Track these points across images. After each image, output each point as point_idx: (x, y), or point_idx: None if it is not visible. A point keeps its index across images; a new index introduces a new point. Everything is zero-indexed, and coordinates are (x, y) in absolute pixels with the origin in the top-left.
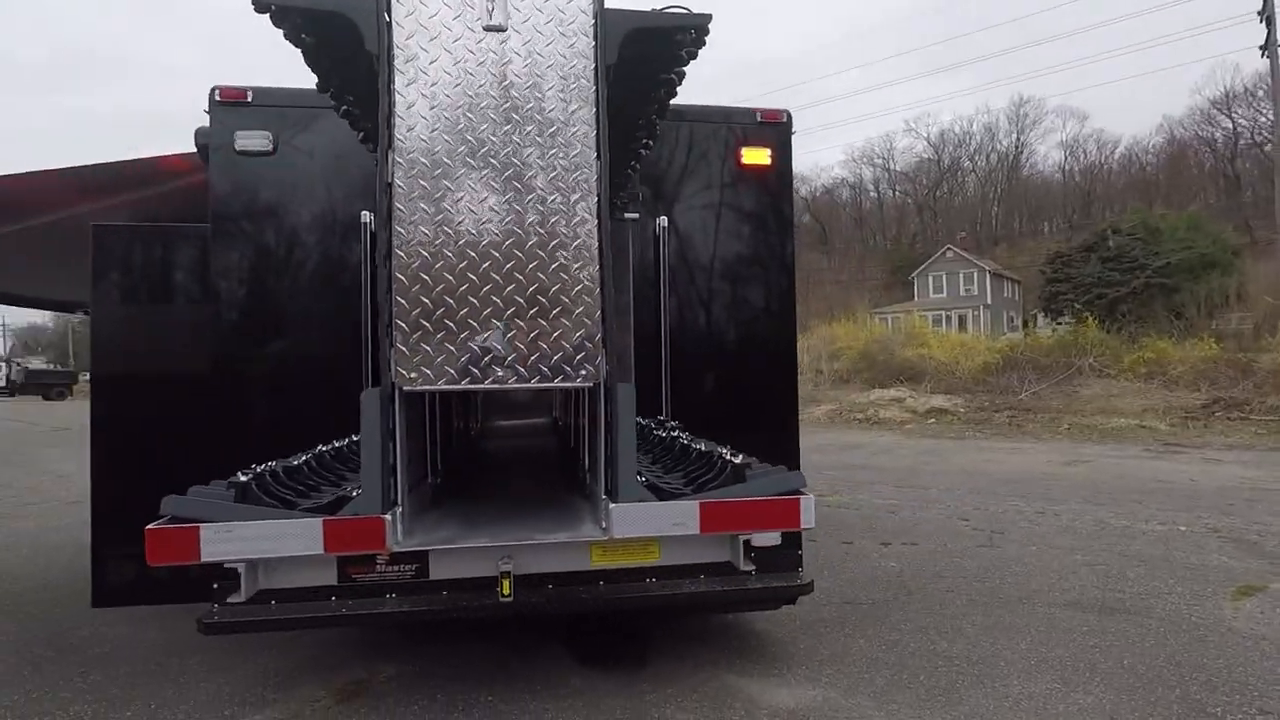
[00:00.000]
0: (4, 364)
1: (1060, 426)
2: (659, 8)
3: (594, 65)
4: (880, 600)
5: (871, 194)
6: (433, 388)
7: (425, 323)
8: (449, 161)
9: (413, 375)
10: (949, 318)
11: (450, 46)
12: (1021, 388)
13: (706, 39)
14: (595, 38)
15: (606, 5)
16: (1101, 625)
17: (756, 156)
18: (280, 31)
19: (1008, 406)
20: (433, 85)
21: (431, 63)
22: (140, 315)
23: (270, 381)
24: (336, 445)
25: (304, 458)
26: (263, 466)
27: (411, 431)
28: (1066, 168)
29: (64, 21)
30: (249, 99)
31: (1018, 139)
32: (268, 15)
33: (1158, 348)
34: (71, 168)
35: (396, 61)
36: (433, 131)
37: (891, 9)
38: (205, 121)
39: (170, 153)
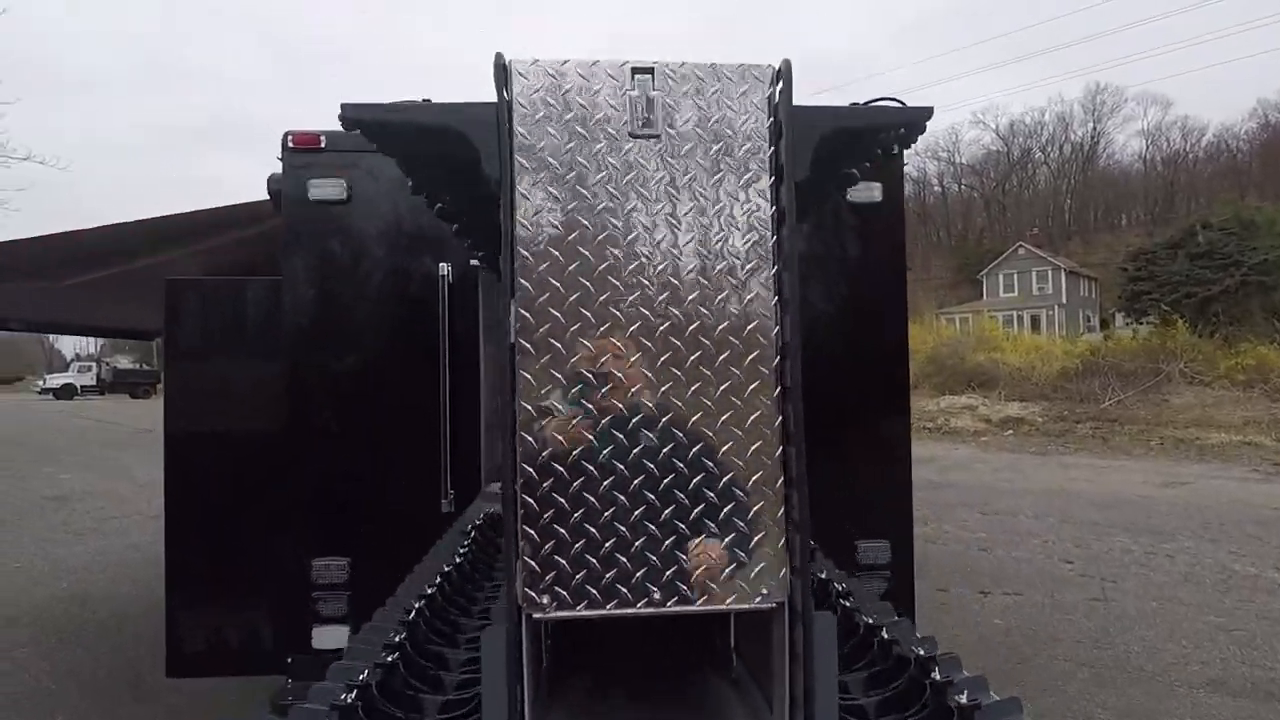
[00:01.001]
0: (95, 364)
1: (1151, 440)
2: (869, 100)
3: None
4: (995, 671)
5: (935, 188)
6: (572, 614)
7: (560, 528)
8: (587, 313)
9: (545, 599)
10: (1021, 318)
11: (589, 159)
12: (1104, 395)
13: (920, 136)
14: (774, 143)
15: (800, 102)
16: (1260, 716)
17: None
18: (374, 144)
19: (1090, 417)
20: (566, 213)
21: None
22: (213, 372)
23: (344, 443)
24: (446, 573)
25: (407, 621)
26: (367, 669)
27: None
28: (1147, 157)
29: (142, 36)
30: (322, 144)
31: (1094, 128)
32: (358, 132)
33: (1258, 353)
34: (150, 219)
35: (521, 186)
36: (566, 273)
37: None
38: (275, 164)
39: (245, 200)
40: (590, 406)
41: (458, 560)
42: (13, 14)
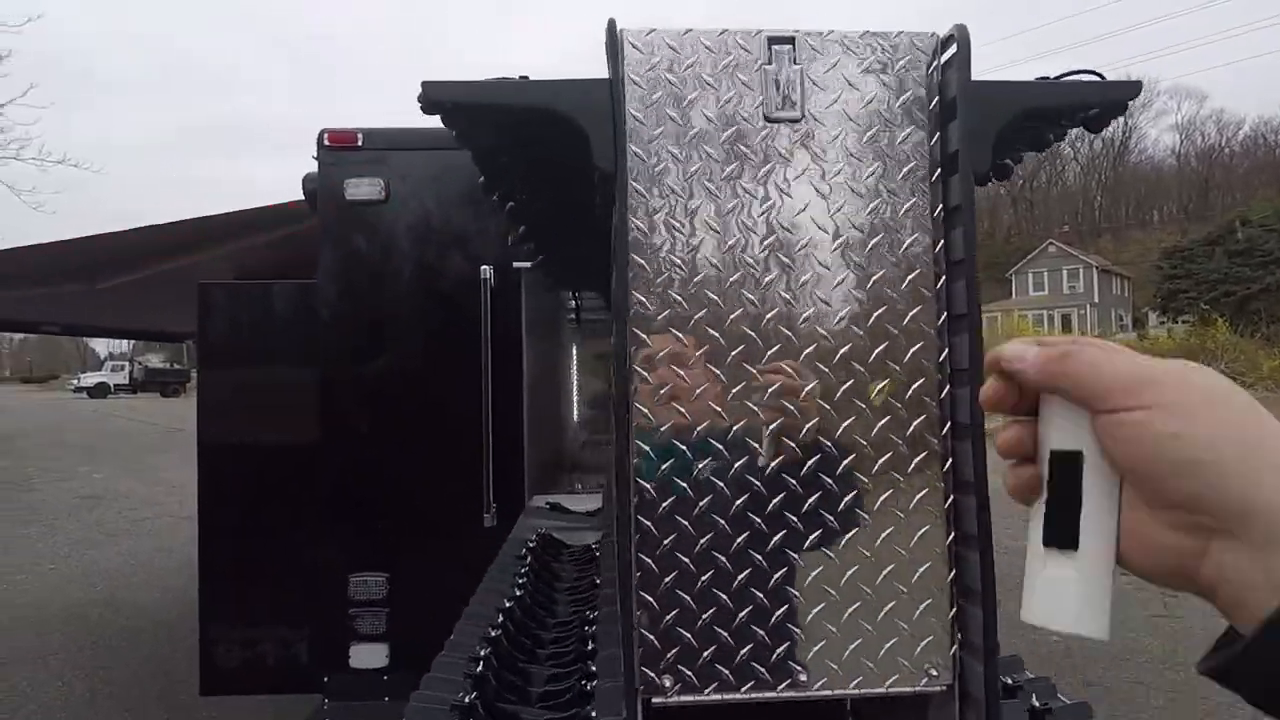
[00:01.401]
0: (127, 363)
1: None
2: (1064, 74)
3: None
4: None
5: None
6: (699, 699)
7: (685, 594)
8: (716, 335)
9: (667, 680)
10: (1051, 318)
11: (718, 148)
12: None
13: (1124, 113)
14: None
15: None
16: None
17: None
18: (453, 131)
19: None
20: (690, 212)
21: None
22: (246, 378)
23: (381, 452)
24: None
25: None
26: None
27: None
28: (1181, 152)
29: (165, 39)
30: (359, 142)
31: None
32: (440, 117)
33: None
34: (183, 221)
35: (636, 181)
36: (691, 287)
37: None
38: (314, 166)
39: (279, 201)
40: (721, 448)
41: (517, 593)
42: (48, 18)
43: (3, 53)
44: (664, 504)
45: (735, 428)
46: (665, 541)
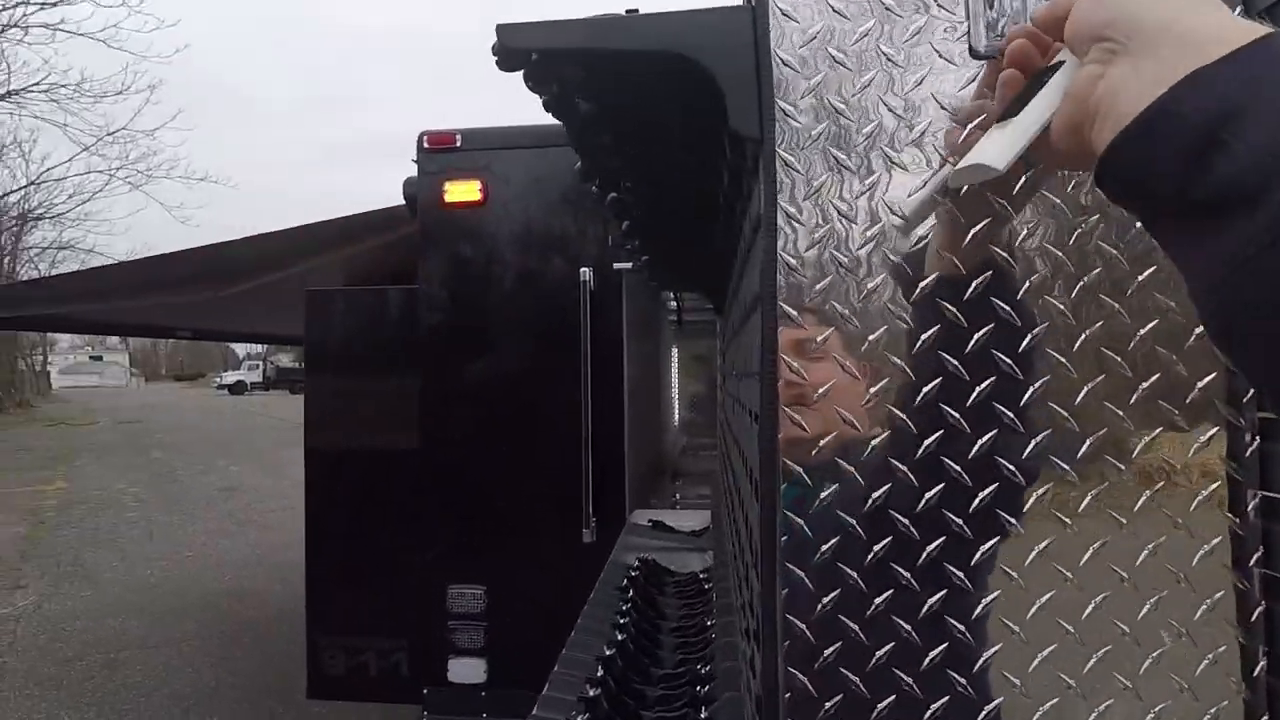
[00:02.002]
0: (261, 362)
1: None
2: None
3: None
4: None
5: None
6: None
7: (852, 674)
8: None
9: None
10: None
11: (902, 97)
12: None
13: None
14: None
15: None
16: None
17: None
18: (540, 97)
19: None
20: (863, 189)
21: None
22: (354, 384)
23: (479, 462)
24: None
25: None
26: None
27: None
28: None
29: (307, 63)
30: (457, 143)
31: None
32: (522, 74)
33: None
34: (291, 229)
35: (785, 150)
36: (865, 287)
37: None
38: (413, 168)
39: (382, 206)
40: (905, 470)
41: (619, 636)
42: (204, 49)
43: (154, 83)
44: (824, 548)
45: (930, 441)
46: (825, 602)
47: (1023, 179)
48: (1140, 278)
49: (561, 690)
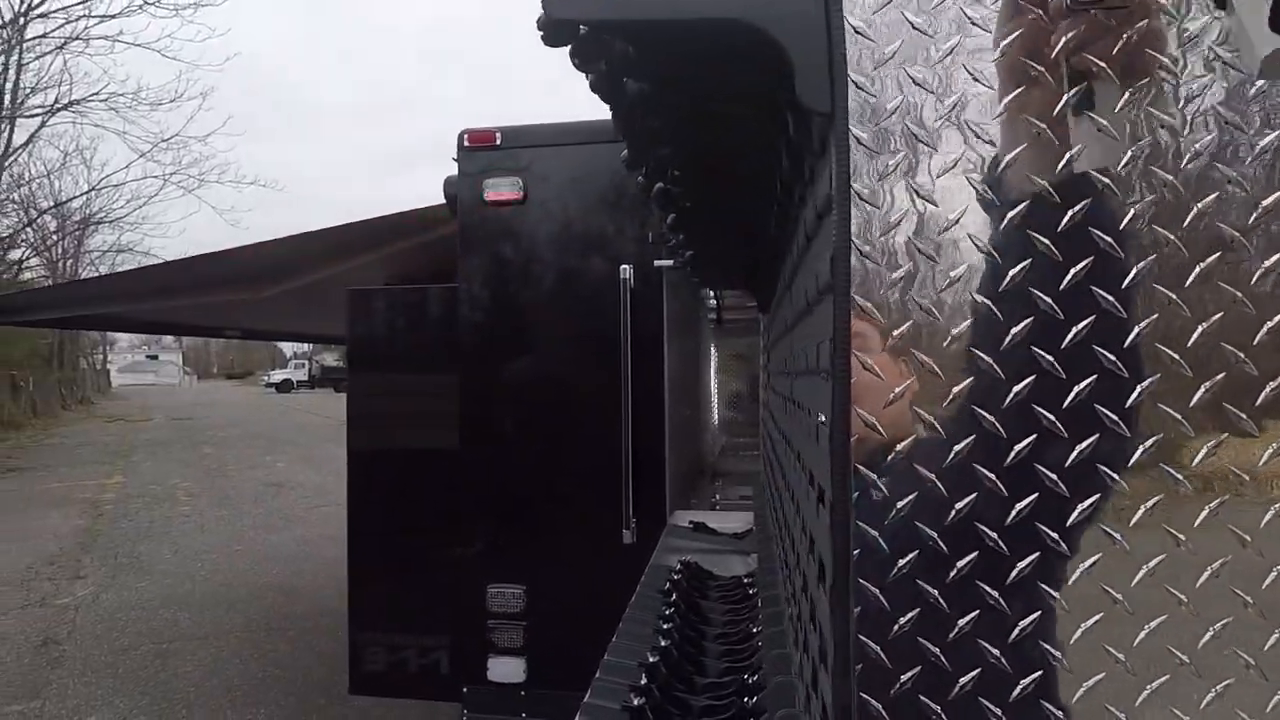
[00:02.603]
0: (307, 361)
1: None
2: None
3: None
4: None
5: None
6: None
7: (933, 703)
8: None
9: None
10: None
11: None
12: None
13: None
14: None
15: None
16: None
17: None
18: (587, 75)
19: None
20: (944, 168)
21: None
22: (395, 383)
23: (518, 461)
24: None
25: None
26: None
27: None
28: None
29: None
30: (497, 142)
31: None
32: (569, 49)
33: None
34: (331, 228)
35: (859, 128)
36: (946, 279)
37: None
38: (454, 168)
39: (421, 206)
40: (994, 479)
41: (663, 643)
42: (259, 55)
43: (206, 90)
44: (901, 563)
45: (1022, 447)
46: (903, 622)
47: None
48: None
49: (604, 698)
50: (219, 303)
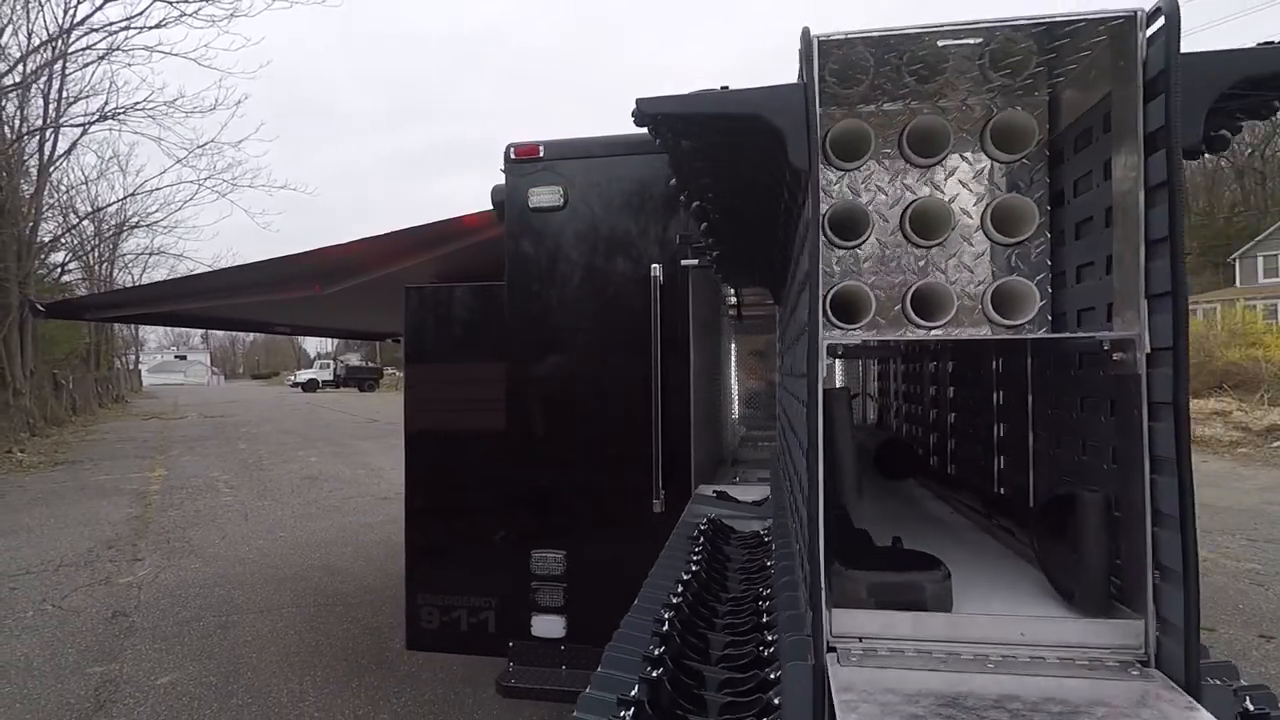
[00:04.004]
0: (332, 362)
1: None
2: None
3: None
4: None
5: None
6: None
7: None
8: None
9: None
10: None
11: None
12: None
13: None
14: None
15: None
16: None
17: None
18: (656, 139)
19: None
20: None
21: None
22: (448, 371)
23: (560, 440)
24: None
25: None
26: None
27: None
28: None
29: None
30: (540, 154)
31: None
32: (648, 127)
33: None
34: (391, 232)
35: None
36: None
37: None
38: (499, 178)
39: (472, 211)
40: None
41: (694, 568)
42: (294, 64)
43: (241, 98)
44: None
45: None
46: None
47: None
48: None
49: (650, 600)
50: (282, 300)
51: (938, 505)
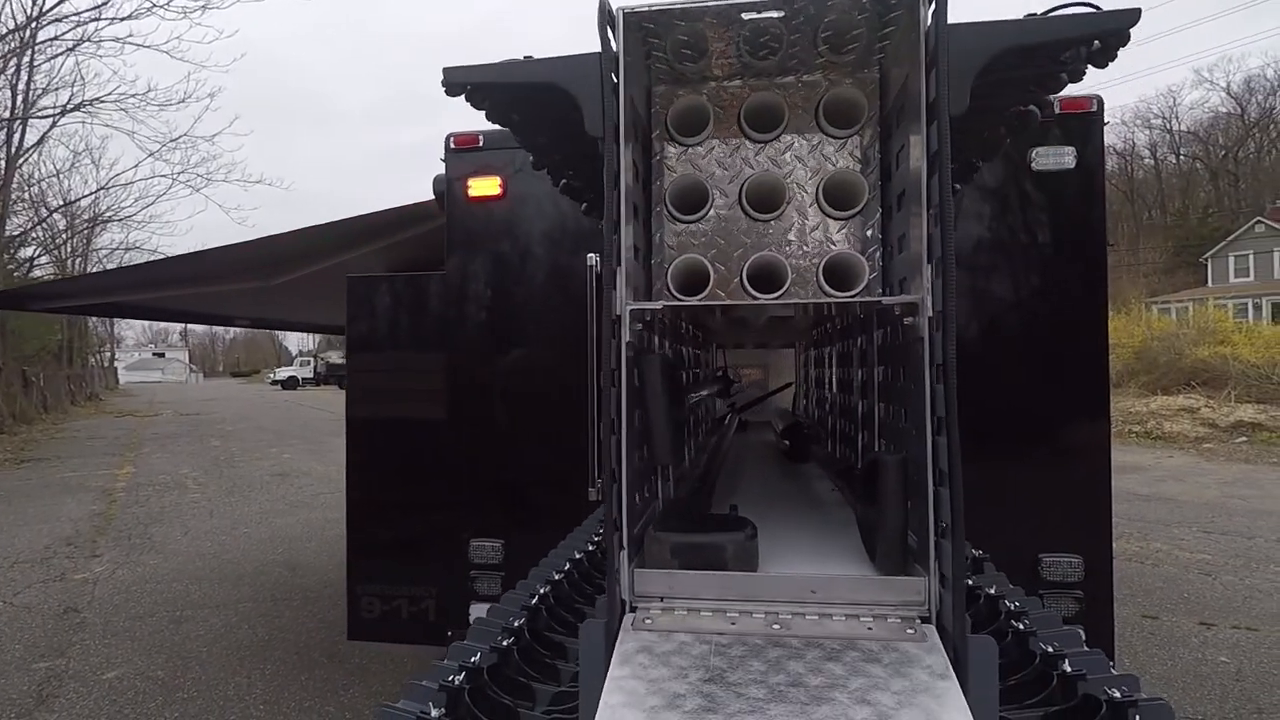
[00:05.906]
0: (312, 359)
1: None
2: (1052, 9)
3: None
4: None
5: (1147, 160)
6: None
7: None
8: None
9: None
10: (1259, 306)
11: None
12: None
13: (1120, 51)
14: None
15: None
16: None
17: (1045, 161)
18: (480, 111)
19: None
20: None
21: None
22: (388, 361)
23: (497, 430)
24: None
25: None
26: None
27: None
28: None
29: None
30: (480, 144)
31: None
32: (463, 97)
33: None
34: (332, 222)
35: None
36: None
37: None
38: (443, 168)
39: (413, 201)
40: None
41: (589, 548)
42: (251, 58)
43: (214, 90)
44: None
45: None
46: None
47: None
48: None
49: (536, 577)
50: (233, 291)
51: (823, 484)
